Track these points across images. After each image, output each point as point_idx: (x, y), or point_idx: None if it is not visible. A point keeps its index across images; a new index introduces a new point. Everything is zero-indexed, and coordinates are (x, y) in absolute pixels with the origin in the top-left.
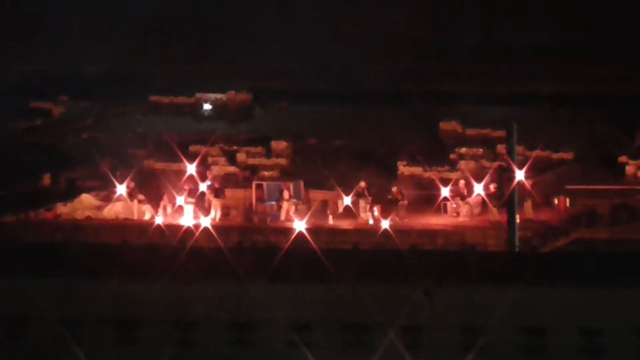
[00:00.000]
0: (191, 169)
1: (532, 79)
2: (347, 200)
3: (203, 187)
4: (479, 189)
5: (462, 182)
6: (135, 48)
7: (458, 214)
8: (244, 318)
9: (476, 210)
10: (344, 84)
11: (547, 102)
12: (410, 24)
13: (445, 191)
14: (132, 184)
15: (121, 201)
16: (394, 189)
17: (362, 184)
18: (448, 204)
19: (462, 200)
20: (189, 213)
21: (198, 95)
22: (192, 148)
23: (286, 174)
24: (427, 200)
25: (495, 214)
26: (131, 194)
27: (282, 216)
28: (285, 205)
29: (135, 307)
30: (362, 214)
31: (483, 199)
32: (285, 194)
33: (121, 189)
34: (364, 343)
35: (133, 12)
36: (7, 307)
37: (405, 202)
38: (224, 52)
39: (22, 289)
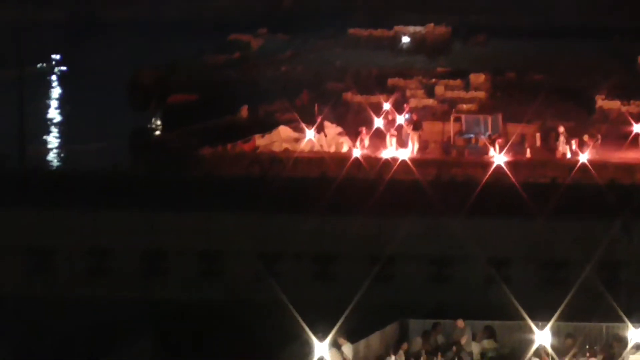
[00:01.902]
0: (390, 101)
1: None
2: None
3: (401, 120)
4: None
5: None
6: None
7: None
8: (442, 253)
9: None
10: (543, 18)
11: None
12: None
13: (638, 127)
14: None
15: (319, 134)
16: (586, 137)
17: (562, 129)
18: None
19: None
20: (387, 146)
21: (397, 28)
22: (391, 81)
23: (485, 107)
24: (626, 135)
25: None
26: (327, 127)
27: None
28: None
29: (333, 242)
30: (560, 148)
31: None
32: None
33: (318, 122)
34: (561, 279)
35: None
36: (205, 243)
37: (598, 140)
38: None
39: (220, 223)
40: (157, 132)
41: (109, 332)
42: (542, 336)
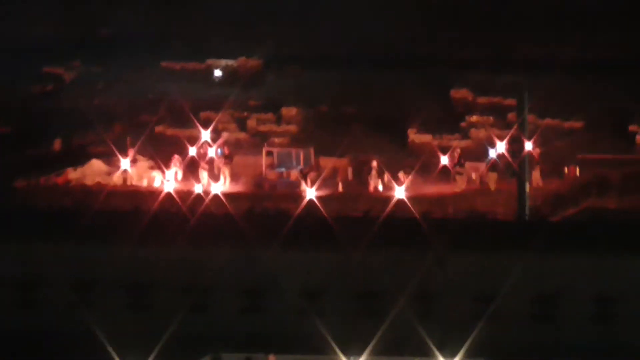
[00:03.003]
0: (202, 135)
1: (542, 46)
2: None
3: (213, 153)
4: (486, 157)
5: (457, 150)
6: (149, 12)
7: (461, 181)
8: (255, 285)
9: (483, 179)
10: (358, 49)
11: (559, 70)
12: None
13: (445, 159)
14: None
15: (131, 167)
16: (399, 172)
17: (374, 163)
18: (452, 171)
19: (460, 168)
20: (199, 179)
21: (209, 61)
22: (203, 114)
23: (296, 141)
24: (436, 168)
25: (494, 183)
26: (139, 160)
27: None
28: None
29: (146, 273)
30: (372, 181)
31: (490, 167)
32: None
33: (130, 156)
34: (375, 311)
35: None
36: (20, 272)
37: (410, 174)
38: (237, 16)
39: (35, 253)
40: None
41: None
42: None
